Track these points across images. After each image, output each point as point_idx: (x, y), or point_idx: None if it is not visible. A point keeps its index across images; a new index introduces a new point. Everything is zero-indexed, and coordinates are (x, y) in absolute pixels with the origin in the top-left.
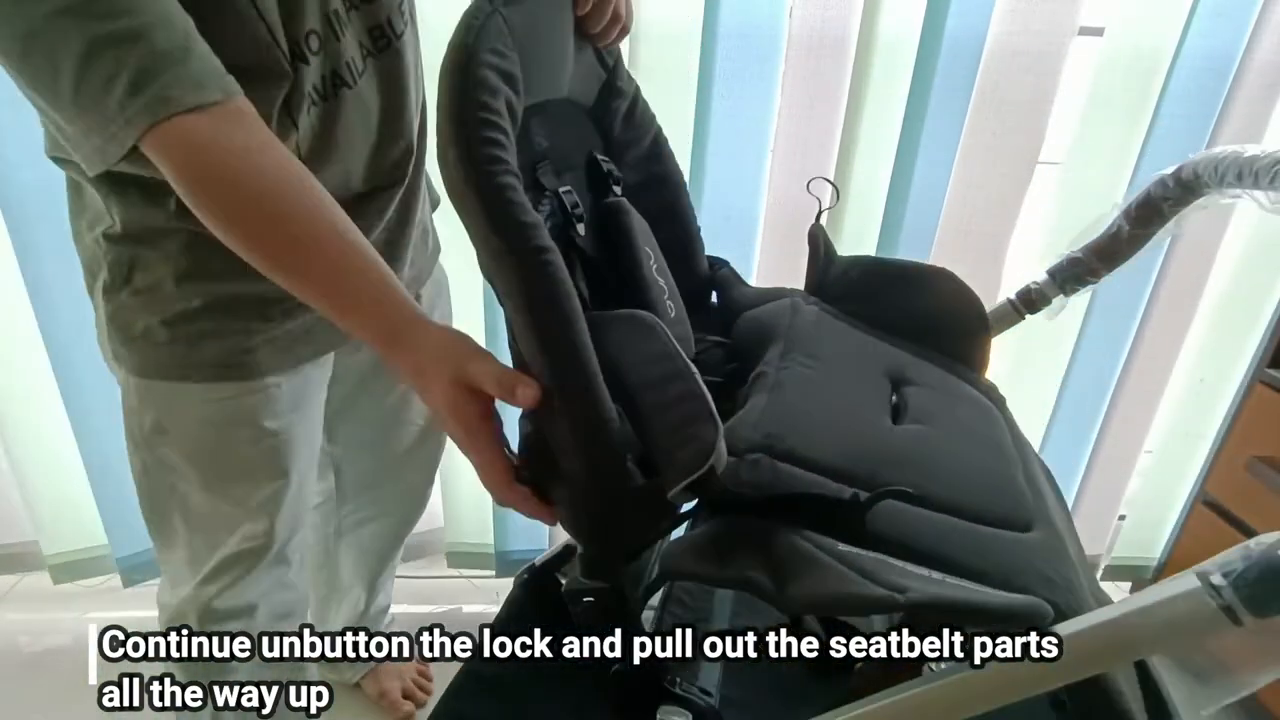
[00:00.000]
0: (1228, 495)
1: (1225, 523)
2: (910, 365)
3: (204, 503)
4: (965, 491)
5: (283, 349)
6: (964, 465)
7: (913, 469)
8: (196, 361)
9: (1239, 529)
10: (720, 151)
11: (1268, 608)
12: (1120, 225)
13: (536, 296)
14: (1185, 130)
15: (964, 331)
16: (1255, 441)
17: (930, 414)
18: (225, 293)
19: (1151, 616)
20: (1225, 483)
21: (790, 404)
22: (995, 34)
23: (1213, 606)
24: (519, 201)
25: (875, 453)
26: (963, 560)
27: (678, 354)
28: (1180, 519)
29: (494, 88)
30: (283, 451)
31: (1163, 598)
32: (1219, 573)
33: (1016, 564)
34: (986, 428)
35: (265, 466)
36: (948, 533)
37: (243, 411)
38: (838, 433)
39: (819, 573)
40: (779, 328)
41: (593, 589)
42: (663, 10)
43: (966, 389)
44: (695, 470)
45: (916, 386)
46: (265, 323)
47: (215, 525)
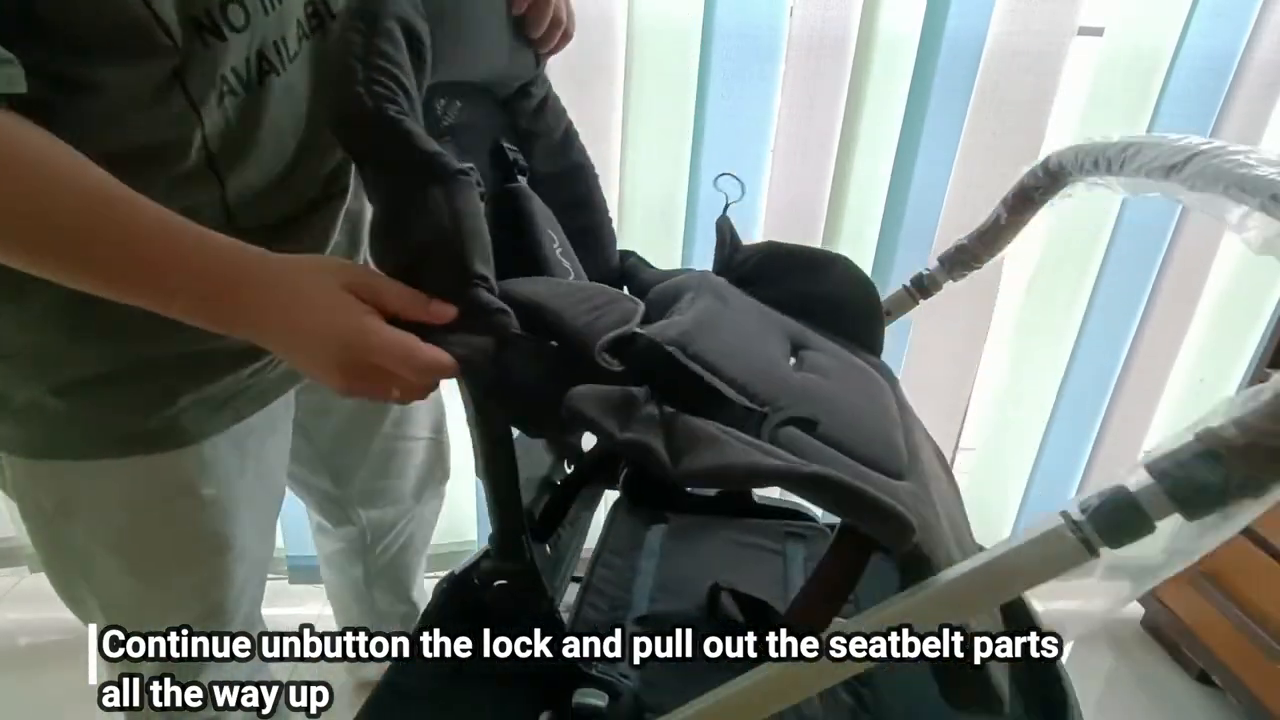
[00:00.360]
0: None
1: None
2: (808, 334)
3: (128, 591)
4: (852, 435)
5: (218, 408)
6: (851, 414)
7: (809, 404)
8: (105, 437)
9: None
10: (720, 151)
11: (1119, 539)
12: (1000, 214)
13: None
14: (1185, 130)
15: (859, 314)
16: None
17: (826, 370)
18: (134, 355)
19: (1022, 555)
20: None
21: (701, 322)
22: (995, 34)
23: (1073, 540)
24: (422, 133)
25: (778, 380)
26: None
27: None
28: None
29: (397, 41)
30: (225, 519)
31: (1031, 538)
32: (1078, 508)
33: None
34: (875, 392)
35: (205, 541)
36: (836, 462)
37: (173, 484)
38: (744, 355)
39: (719, 446)
40: (689, 284)
41: (505, 571)
42: (663, 10)
43: (857, 360)
44: (620, 326)
45: (814, 350)
46: (193, 383)
47: (143, 616)
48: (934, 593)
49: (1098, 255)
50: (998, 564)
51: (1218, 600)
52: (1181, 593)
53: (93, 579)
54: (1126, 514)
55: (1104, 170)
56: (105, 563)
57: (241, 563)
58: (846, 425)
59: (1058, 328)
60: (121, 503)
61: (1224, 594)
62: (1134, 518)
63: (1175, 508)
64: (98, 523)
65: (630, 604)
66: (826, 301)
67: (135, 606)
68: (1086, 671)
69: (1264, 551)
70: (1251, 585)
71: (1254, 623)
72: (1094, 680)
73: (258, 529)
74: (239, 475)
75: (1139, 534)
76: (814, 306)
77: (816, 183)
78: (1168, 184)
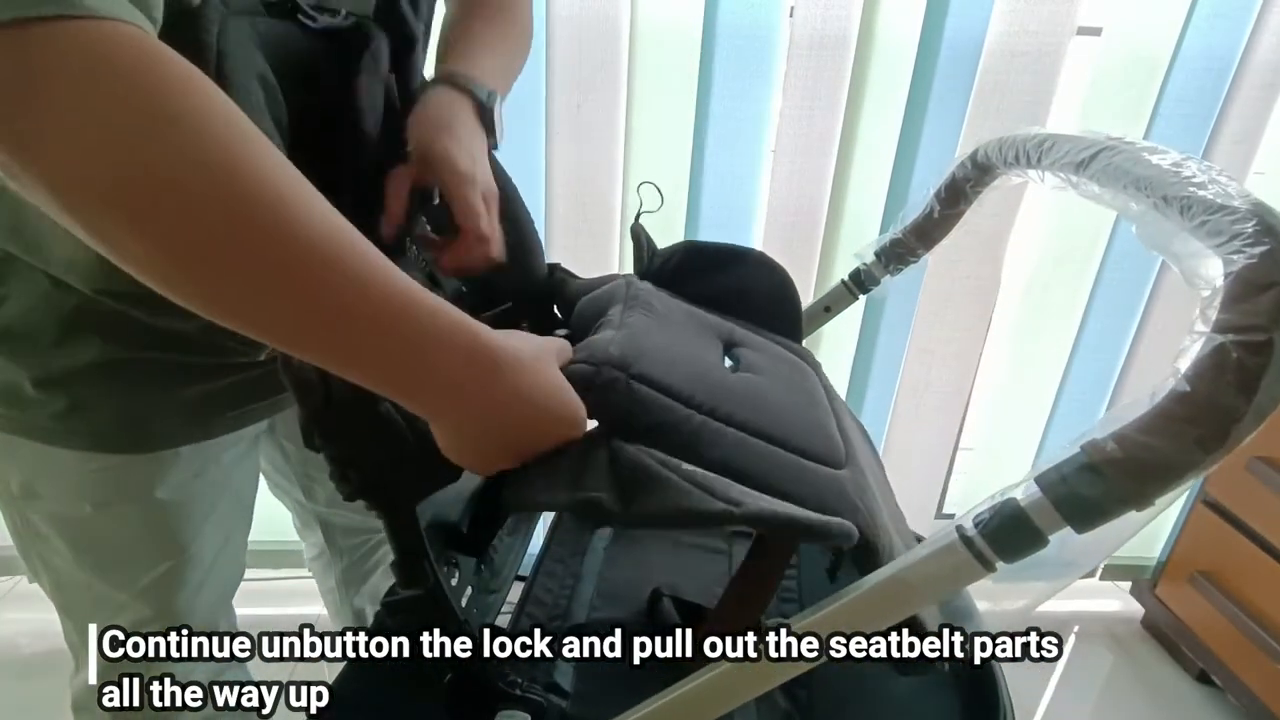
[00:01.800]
0: (1228, 495)
1: (1225, 522)
2: (736, 330)
3: (78, 583)
4: (791, 430)
5: (191, 420)
6: (789, 409)
7: (749, 405)
8: (71, 428)
9: (1239, 528)
10: (720, 151)
11: (1011, 552)
12: (933, 206)
13: None
14: (1184, 130)
15: (777, 305)
16: (1255, 441)
17: (759, 367)
18: (125, 358)
19: (917, 571)
20: (1225, 482)
21: (637, 338)
22: (995, 34)
23: (967, 555)
24: None
25: (717, 385)
26: (787, 488)
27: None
28: (1180, 518)
29: None
30: (178, 525)
31: (926, 553)
32: (970, 522)
33: (831, 492)
34: (804, 382)
35: (155, 544)
36: (777, 463)
37: (128, 484)
38: (683, 366)
39: (663, 489)
40: (617, 295)
41: (407, 600)
42: (664, 10)
43: (785, 352)
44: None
45: (744, 347)
46: (169, 392)
47: (94, 609)
48: (837, 610)
49: (1098, 255)
50: (896, 579)
51: (1218, 600)
52: (1181, 593)
53: (49, 562)
54: (1017, 527)
55: (1025, 164)
56: (60, 549)
57: (195, 569)
58: (784, 422)
59: (1058, 328)
60: (75, 493)
61: (1224, 594)
62: (1024, 530)
63: (1064, 520)
64: (56, 509)
65: (569, 613)
66: (746, 295)
67: (86, 602)
68: (1086, 671)
69: (1264, 551)
70: (1251, 585)
71: (1254, 623)
72: (1094, 680)
73: (220, 537)
74: (197, 477)
75: (1032, 547)
76: (734, 301)
77: (816, 183)
78: (1078, 179)
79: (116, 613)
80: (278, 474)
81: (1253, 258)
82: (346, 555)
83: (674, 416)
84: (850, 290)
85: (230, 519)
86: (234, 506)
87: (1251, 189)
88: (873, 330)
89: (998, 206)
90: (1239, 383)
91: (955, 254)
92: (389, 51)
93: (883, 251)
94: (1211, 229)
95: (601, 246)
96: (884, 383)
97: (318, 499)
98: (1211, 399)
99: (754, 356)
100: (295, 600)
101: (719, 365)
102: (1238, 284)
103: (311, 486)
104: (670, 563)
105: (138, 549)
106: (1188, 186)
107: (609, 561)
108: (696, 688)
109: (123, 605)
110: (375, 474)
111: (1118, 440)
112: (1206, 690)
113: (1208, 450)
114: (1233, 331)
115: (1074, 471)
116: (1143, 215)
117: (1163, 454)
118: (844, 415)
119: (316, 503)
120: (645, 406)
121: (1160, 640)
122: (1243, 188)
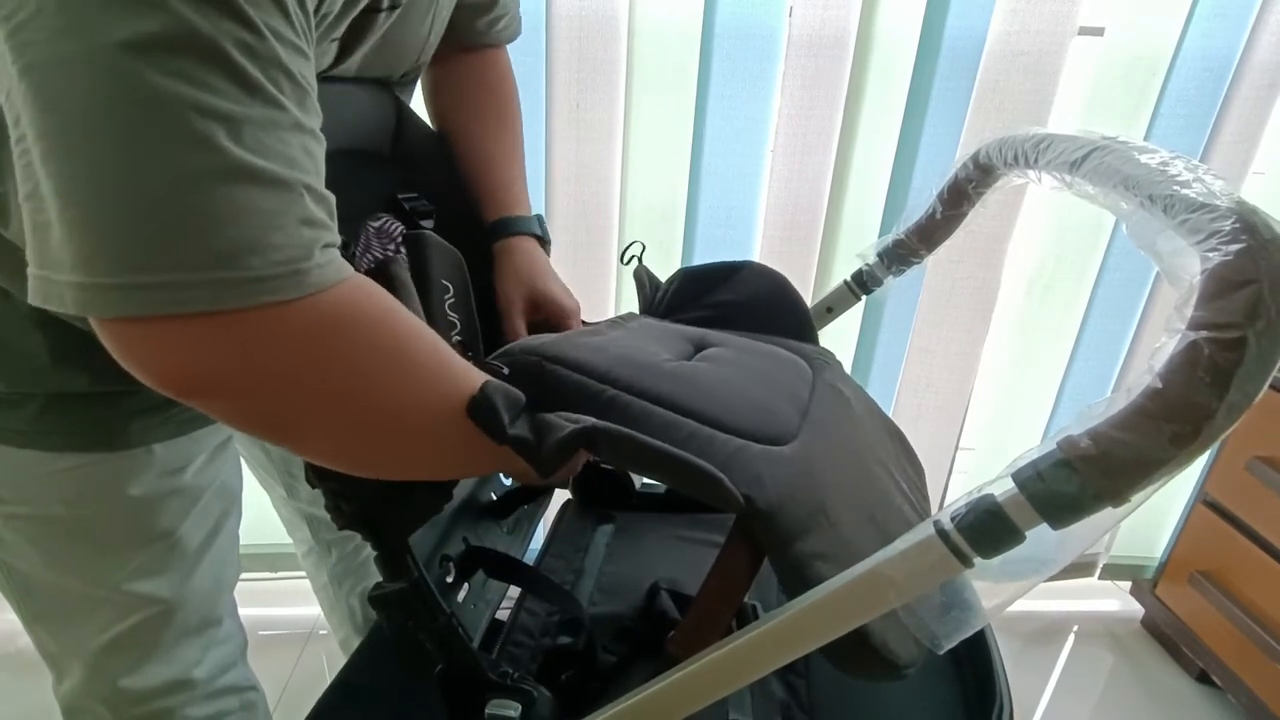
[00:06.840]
0: (1228, 495)
1: (1225, 522)
2: (714, 336)
3: (47, 583)
4: (723, 408)
5: (165, 420)
6: (733, 390)
7: (679, 386)
8: (44, 429)
9: (1239, 528)
10: (720, 151)
11: (989, 548)
12: (935, 208)
13: None
14: (1184, 130)
15: (774, 307)
16: (1255, 441)
17: (721, 360)
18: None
19: (894, 566)
20: (1225, 482)
21: (581, 338)
22: (995, 34)
23: (944, 550)
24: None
25: (645, 368)
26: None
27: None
28: (1180, 518)
29: None
30: (158, 518)
31: (904, 547)
32: (948, 518)
33: (735, 463)
34: (775, 371)
35: (135, 536)
36: (687, 431)
37: (102, 482)
38: (614, 354)
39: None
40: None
41: (390, 593)
42: (663, 10)
43: (770, 349)
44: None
45: (716, 347)
46: (142, 393)
47: (65, 609)
48: (810, 607)
49: (1098, 255)
50: (875, 574)
51: (1218, 600)
52: (1181, 593)
53: (13, 569)
54: (994, 523)
55: (1023, 164)
56: (26, 553)
57: (180, 556)
58: (717, 400)
59: (1058, 328)
60: (52, 495)
61: (1224, 594)
62: (1001, 527)
63: (1040, 517)
64: (22, 510)
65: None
66: (746, 306)
67: (59, 605)
68: (1086, 671)
69: (1264, 551)
70: (1252, 585)
71: (1254, 623)
72: (1094, 680)
73: (207, 526)
74: (177, 475)
75: (1009, 543)
76: (736, 314)
77: (816, 182)
78: (1073, 179)
79: (95, 610)
80: (261, 471)
81: (1229, 255)
82: (336, 549)
83: (588, 390)
84: (853, 291)
85: (217, 507)
86: (220, 495)
87: (1251, 189)
88: (873, 330)
89: (998, 207)
90: (1212, 380)
91: (956, 254)
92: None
93: (885, 252)
94: (1191, 226)
95: (600, 245)
96: (884, 383)
97: (300, 496)
98: (1184, 396)
99: (721, 353)
100: (295, 600)
101: (664, 357)
102: (1213, 281)
103: (294, 485)
104: (670, 558)
105: (117, 542)
106: (1172, 185)
107: (610, 557)
108: (675, 681)
109: (102, 601)
110: (368, 507)
111: (1092, 436)
112: (1206, 690)
113: (1180, 446)
114: (1207, 328)
115: (1050, 468)
116: (1132, 214)
117: (1136, 450)
118: (840, 406)
119: (300, 500)
120: (560, 381)
121: (1160, 640)
122: (1227, 186)
